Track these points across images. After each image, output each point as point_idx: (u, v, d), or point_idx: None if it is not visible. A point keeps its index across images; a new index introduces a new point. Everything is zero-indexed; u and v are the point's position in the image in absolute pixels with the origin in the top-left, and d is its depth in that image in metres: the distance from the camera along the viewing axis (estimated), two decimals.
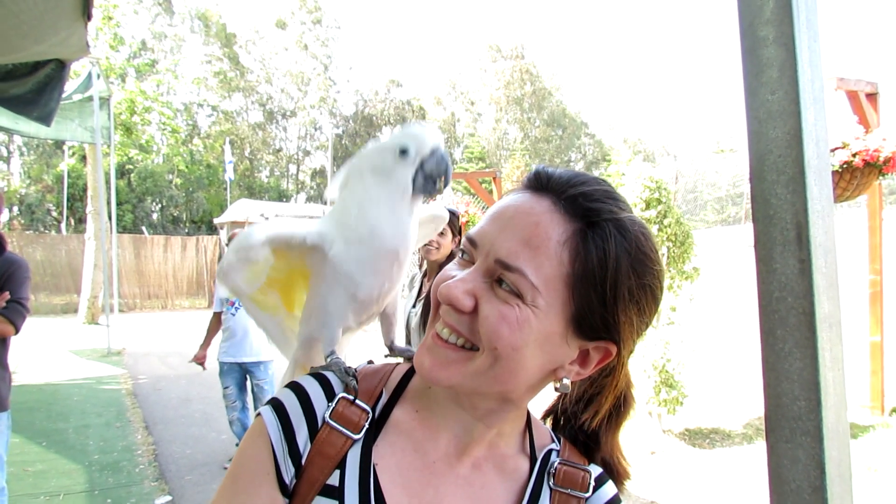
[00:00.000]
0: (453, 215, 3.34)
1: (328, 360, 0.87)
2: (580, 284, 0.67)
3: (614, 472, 0.87)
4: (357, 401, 0.79)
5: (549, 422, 0.91)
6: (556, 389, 0.78)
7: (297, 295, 1.04)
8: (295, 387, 0.81)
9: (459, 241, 3.34)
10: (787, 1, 0.65)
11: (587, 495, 0.80)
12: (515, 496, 0.80)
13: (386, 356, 0.92)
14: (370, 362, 0.90)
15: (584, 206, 0.68)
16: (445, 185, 0.89)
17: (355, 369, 0.86)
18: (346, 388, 0.82)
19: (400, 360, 0.96)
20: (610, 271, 0.67)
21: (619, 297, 0.68)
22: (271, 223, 0.92)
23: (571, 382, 0.77)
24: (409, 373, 0.86)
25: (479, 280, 0.70)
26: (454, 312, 0.71)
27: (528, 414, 0.87)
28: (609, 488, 0.83)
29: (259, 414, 0.79)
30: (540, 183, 0.72)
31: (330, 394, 0.81)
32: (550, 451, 0.84)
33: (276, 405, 0.79)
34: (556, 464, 0.82)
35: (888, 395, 6.56)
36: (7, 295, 3.00)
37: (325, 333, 0.92)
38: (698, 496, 4.76)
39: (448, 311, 0.72)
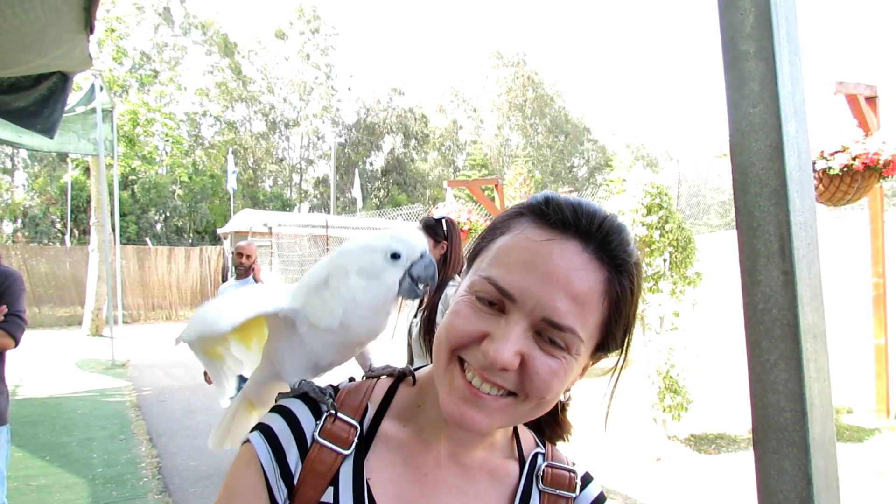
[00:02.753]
0: (437, 222, 3.36)
1: (297, 384, 0.87)
2: (613, 324, 0.72)
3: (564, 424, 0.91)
4: (344, 416, 0.80)
5: None
6: (561, 401, 0.84)
7: (255, 334, 1.04)
8: (280, 409, 0.82)
9: (446, 246, 3.35)
10: (767, 16, 0.66)
11: (574, 495, 0.84)
12: (507, 500, 0.82)
13: (364, 377, 0.92)
14: (351, 379, 0.90)
15: (612, 252, 0.71)
16: (428, 289, 0.91)
17: (335, 386, 0.86)
18: (327, 406, 0.82)
19: None
20: (635, 306, 0.74)
21: (636, 319, 0.77)
22: (235, 300, 0.90)
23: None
24: (392, 387, 0.87)
25: (522, 337, 0.69)
26: (499, 371, 0.70)
27: None
28: (594, 487, 0.87)
29: (247, 440, 0.79)
30: (565, 221, 0.71)
31: (317, 412, 0.81)
32: (537, 454, 0.87)
33: (264, 429, 0.79)
34: (543, 466, 0.85)
35: (893, 398, 6.53)
36: (5, 308, 3.01)
37: (286, 375, 0.93)
38: (705, 502, 4.74)
39: (491, 371, 0.70)
